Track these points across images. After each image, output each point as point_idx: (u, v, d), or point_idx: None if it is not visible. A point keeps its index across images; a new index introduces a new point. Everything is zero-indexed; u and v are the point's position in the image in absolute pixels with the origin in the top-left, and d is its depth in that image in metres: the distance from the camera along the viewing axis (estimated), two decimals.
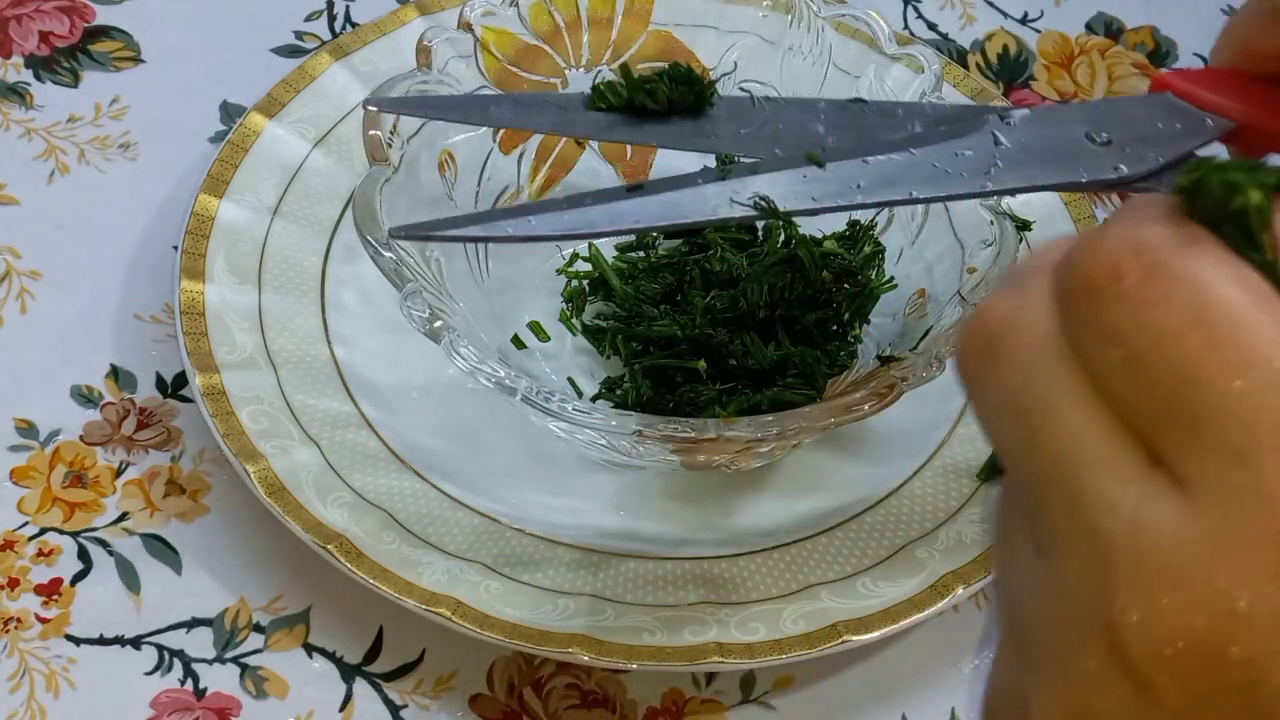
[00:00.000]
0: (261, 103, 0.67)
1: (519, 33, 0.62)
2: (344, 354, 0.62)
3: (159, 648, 0.57)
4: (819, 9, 0.63)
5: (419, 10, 0.71)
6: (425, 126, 0.58)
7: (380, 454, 0.59)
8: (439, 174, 0.60)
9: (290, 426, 0.59)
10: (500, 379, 0.51)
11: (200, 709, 0.56)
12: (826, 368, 0.59)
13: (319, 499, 0.57)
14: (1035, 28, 0.80)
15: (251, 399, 0.59)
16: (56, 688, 0.56)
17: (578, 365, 0.63)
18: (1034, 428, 0.27)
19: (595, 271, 0.64)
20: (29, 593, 0.58)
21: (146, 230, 0.67)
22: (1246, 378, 0.25)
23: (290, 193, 0.65)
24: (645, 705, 0.57)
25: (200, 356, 0.59)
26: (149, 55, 0.73)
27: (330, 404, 0.60)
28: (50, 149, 0.69)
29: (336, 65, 0.69)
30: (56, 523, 0.59)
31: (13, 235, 0.66)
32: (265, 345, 0.61)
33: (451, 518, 0.58)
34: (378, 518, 0.57)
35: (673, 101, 0.46)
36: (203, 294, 0.61)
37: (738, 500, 0.60)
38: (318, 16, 0.75)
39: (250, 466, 0.56)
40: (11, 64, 0.72)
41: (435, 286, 0.55)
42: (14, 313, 0.64)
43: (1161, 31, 0.80)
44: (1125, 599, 0.25)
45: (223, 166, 0.65)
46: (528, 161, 0.65)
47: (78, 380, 0.63)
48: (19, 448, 0.61)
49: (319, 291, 0.63)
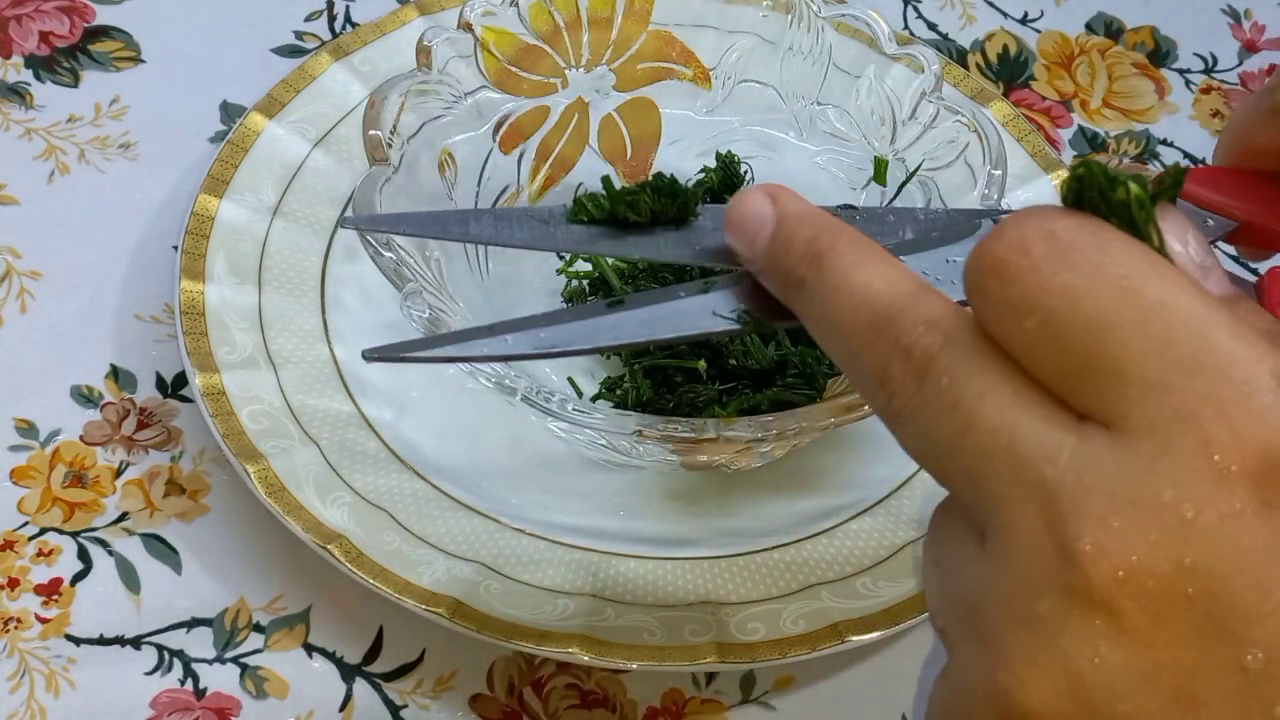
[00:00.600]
0: (261, 103, 0.67)
1: (519, 32, 0.62)
2: (344, 354, 0.62)
3: (159, 648, 0.57)
4: (819, 9, 0.63)
5: (419, 10, 0.71)
6: (425, 126, 0.59)
7: (380, 454, 0.59)
8: (439, 174, 0.60)
9: (290, 426, 0.59)
10: (500, 379, 0.52)
11: (200, 709, 0.56)
12: (826, 368, 0.59)
13: (319, 499, 0.57)
14: (1035, 28, 0.80)
15: (251, 399, 0.59)
16: (56, 688, 0.56)
17: (577, 365, 0.63)
18: (967, 413, 0.29)
19: (595, 272, 0.64)
20: (29, 593, 0.58)
21: (146, 230, 0.67)
22: (1155, 316, 0.27)
23: (290, 192, 0.66)
24: (645, 705, 0.57)
25: (200, 356, 0.59)
26: (149, 55, 0.73)
27: (330, 404, 0.60)
28: (50, 149, 0.69)
29: (337, 65, 0.69)
30: (56, 523, 0.59)
31: (13, 235, 0.66)
32: (265, 345, 0.61)
33: (452, 518, 0.58)
34: (378, 518, 0.57)
35: (655, 213, 0.46)
36: (203, 294, 0.61)
37: (738, 500, 0.60)
38: (318, 16, 0.75)
39: (250, 466, 0.56)
40: (11, 64, 0.72)
41: (435, 286, 0.55)
42: (14, 313, 0.64)
43: (1161, 31, 0.80)
44: (1076, 529, 0.27)
45: (223, 166, 0.65)
46: (528, 161, 0.65)
47: (78, 380, 0.63)
48: (19, 448, 0.61)
49: (319, 291, 0.64)
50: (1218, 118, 0.77)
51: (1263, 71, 0.79)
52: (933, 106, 0.60)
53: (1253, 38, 0.80)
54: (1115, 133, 0.76)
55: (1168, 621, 0.27)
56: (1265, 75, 0.79)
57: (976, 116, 0.58)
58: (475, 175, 0.63)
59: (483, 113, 0.62)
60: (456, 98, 0.61)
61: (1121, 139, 0.75)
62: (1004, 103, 0.70)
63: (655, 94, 0.66)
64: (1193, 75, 0.78)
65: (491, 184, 0.63)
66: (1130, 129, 0.76)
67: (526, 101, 0.63)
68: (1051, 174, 0.67)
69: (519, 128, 0.64)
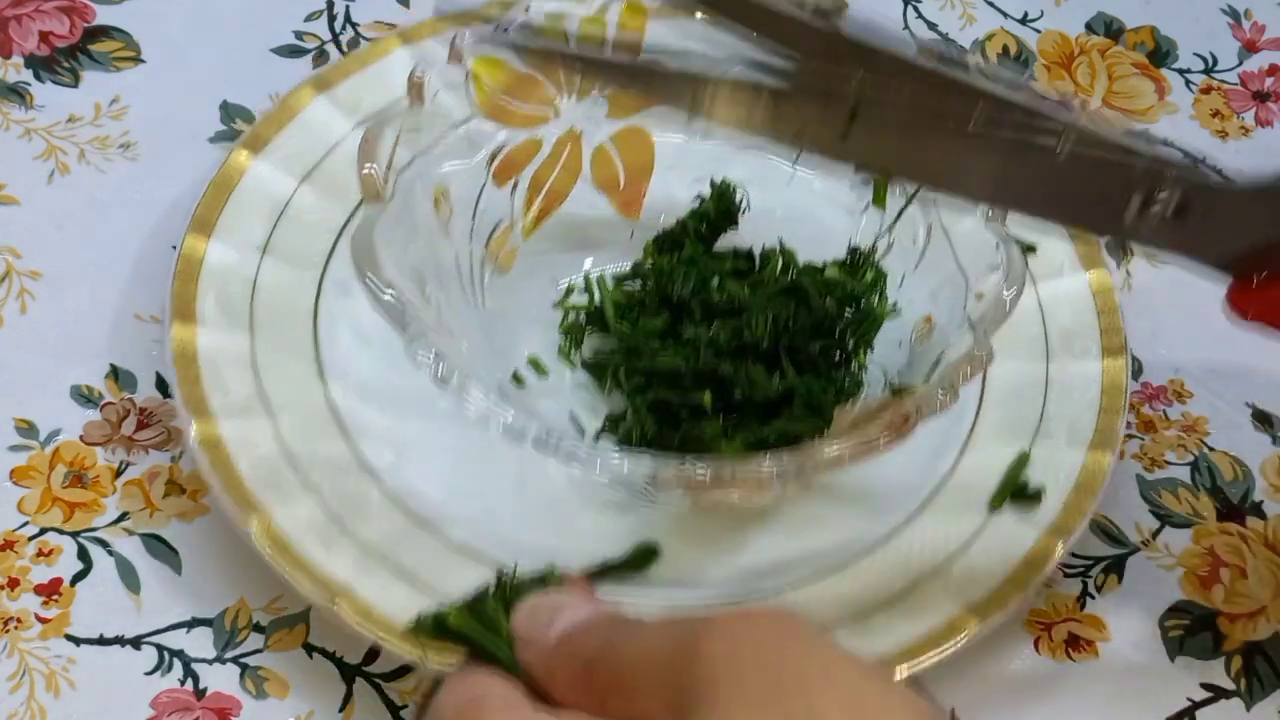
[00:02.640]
0: (246, 139, 0.66)
1: (510, 62, 0.61)
2: (340, 393, 0.60)
3: (159, 648, 0.57)
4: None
5: (402, 39, 0.69)
6: (417, 159, 0.57)
7: (383, 500, 0.58)
8: (434, 211, 0.59)
9: (289, 475, 0.58)
10: (509, 425, 0.51)
11: (200, 709, 0.56)
12: (834, 397, 0.58)
13: (323, 550, 0.56)
14: (1035, 28, 0.80)
15: (249, 447, 0.57)
16: (56, 688, 0.56)
17: (578, 400, 0.62)
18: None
19: (592, 305, 0.64)
20: (29, 593, 0.58)
21: (146, 230, 0.67)
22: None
23: (279, 230, 0.64)
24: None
25: (195, 404, 0.58)
26: (149, 55, 0.73)
27: (329, 449, 0.59)
28: (50, 149, 0.69)
29: (320, 98, 0.67)
30: (56, 523, 0.59)
31: (13, 235, 0.66)
32: (260, 389, 0.60)
33: (459, 565, 0.56)
34: (384, 569, 0.56)
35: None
36: (195, 339, 0.60)
37: (747, 538, 0.59)
38: (318, 16, 0.75)
39: (252, 521, 0.56)
40: (11, 64, 0.72)
41: (437, 327, 0.54)
42: (14, 313, 0.64)
43: (1161, 31, 0.80)
44: None
45: (209, 206, 0.63)
46: (521, 193, 0.64)
47: (78, 380, 0.63)
48: (19, 448, 0.61)
49: (312, 330, 0.62)
50: (1218, 118, 0.77)
51: (1263, 71, 0.79)
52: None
53: (1253, 38, 0.80)
54: None
55: None
56: (1265, 75, 0.79)
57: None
58: (470, 210, 0.62)
59: (474, 143, 0.61)
60: (447, 128, 0.60)
61: None
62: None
63: (647, 121, 0.65)
64: (1193, 75, 0.78)
65: (486, 217, 0.62)
66: (1130, 129, 0.76)
67: (519, 132, 0.63)
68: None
69: (512, 161, 0.63)
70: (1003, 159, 0.38)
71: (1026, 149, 0.38)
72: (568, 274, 0.65)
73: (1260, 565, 0.62)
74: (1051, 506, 0.59)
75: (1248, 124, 0.77)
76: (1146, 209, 0.37)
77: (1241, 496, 0.64)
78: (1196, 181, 0.37)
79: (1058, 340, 0.64)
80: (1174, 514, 0.64)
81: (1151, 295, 0.69)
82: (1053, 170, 0.38)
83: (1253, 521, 0.64)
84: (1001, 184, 0.39)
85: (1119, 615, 0.61)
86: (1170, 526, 0.63)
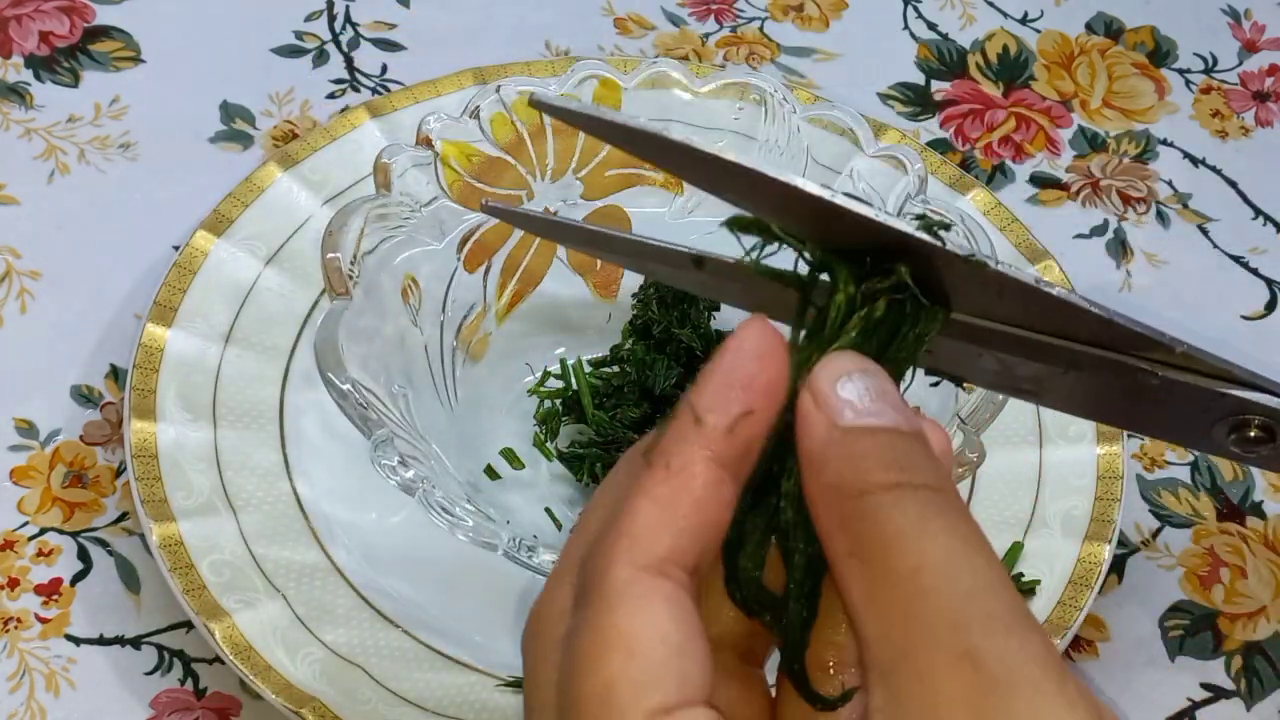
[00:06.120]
0: (208, 220, 0.63)
1: (481, 144, 0.59)
2: (307, 490, 0.58)
3: (159, 648, 0.57)
4: (793, 108, 0.60)
5: (370, 112, 0.67)
6: (383, 243, 0.55)
7: (351, 602, 0.56)
8: (403, 300, 0.57)
9: (254, 577, 0.55)
10: (479, 536, 0.49)
11: (200, 709, 0.56)
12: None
13: (288, 657, 0.53)
14: (1035, 28, 0.80)
15: (211, 548, 0.55)
16: (56, 688, 0.56)
17: (555, 494, 0.59)
18: (566, 672, 0.32)
19: (568, 390, 0.61)
20: (29, 593, 0.58)
21: (146, 230, 0.67)
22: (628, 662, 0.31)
23: (243, 316, 0.62)
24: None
25: (155, 504, 0.56)
26: (149, 55, 0.73)
27: (295, 549, 0.57)
28: (50, 149, 0.69)
29: (285, 175, 0.65)
30: (56, 523, 0.59)
31: (13, 235, 0.67)
32: (223, 486, 0.57)
33: (430, 670, 0.55)
34: (352, 675, 0.54)
35: None
36: (155, 434, 0.58)
37: None
38: (318, 16, 0.75)
39: (214, 626, 0.53)
40: (11, 64, 0.72)
41: (404, 426, 0.52)
42: (14, 313, 0.64)
43: (1161, 31, 0.80)
44: None
45: (170, 291, 0.61)
46: (494, 278, 0.61)
47: (78, 380, 0.63)
48: (19, 448, 0.61)
49: (278, 423, 0.60)
50: (1218, 117, 0.77)
51: (1262, 71, 0.79)
52: (919, 209, 0.56)
53: (1253, 38, 0.80)
54: (1115, 133, 0.76)
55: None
56: (1265, 75, 0.79)
57: (965, 222, 0.55)
58: (440, 297, 0.59)
59: (443, 224, 0.58)
60: (414, 209, 0.57)
61: (1121, 139, 0.75)
62: (984, 190, 0.67)
63: (625, 200, 0.62)
64: (1193, 75, 0.78)
65: (457, 305, 0.60)
66: (1130, 129, 0.76)
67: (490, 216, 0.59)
68: (1038, 264, 0.64)
69: (484, 245, 0.60)
70: (1099, 381, 0.38)
71: (1123, 370, 0.38)
72: (542, 360, 0.62)
73: (1260, 565, 0.62)
74: (1046, 601, 0.57)
75: (1248, 124, 0.77)
76: (1236, 432, 0.38)
77: (1241, 496, 0.64)
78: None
79: (1052, 425, 0.61)
80: (1174, 514, 0.64)
81: (1151, 295, 0.69)
82: (1147, 390, 0.39)
83: (1253, 521, 0.64)
84: (1095, 399, 0.39)
85: (1119, 615, 0.61)
86: (1170, 526, 0.63)
